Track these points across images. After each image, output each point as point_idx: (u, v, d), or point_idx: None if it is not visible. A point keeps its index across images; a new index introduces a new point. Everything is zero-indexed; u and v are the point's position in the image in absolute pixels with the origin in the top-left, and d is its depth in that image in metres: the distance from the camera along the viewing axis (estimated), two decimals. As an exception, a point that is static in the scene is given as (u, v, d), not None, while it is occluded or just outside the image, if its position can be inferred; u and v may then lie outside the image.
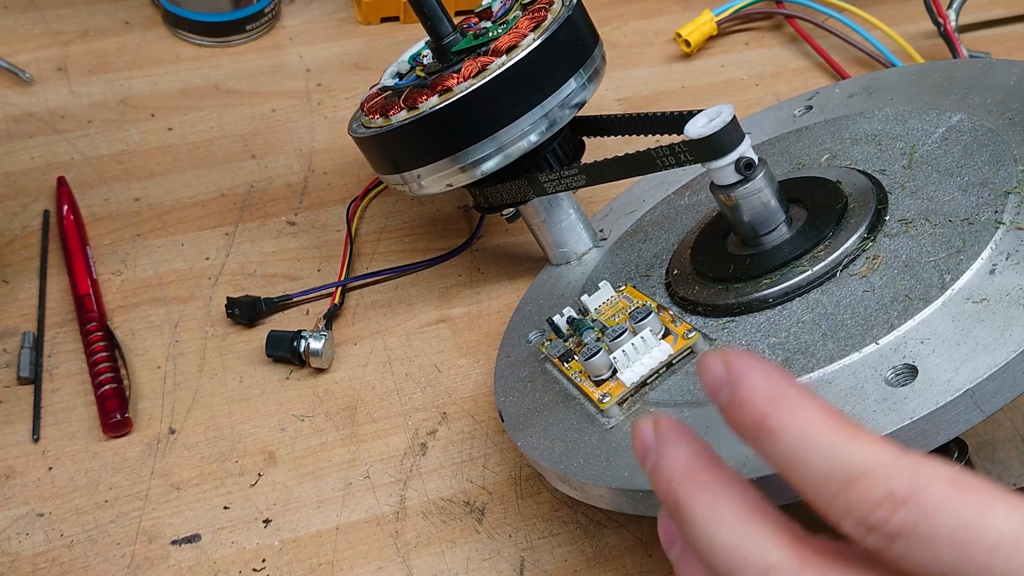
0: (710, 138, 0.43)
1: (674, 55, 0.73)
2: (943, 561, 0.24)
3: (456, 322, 0.56)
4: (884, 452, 0.25)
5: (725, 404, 0.27)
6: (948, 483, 0.25)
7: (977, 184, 0.42)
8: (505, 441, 0.50)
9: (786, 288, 0.43)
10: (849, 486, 0.25)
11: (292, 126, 0.66)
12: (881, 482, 0.25)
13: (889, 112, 0.50)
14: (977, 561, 0.24)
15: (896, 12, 0.75)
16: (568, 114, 0.50)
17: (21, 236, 0.58)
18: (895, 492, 0.25)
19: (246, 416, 0.51)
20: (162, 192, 0.61)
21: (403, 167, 0.51)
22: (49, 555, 0.45)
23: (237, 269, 0.57)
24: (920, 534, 0.24)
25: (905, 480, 0.25)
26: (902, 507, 0.25)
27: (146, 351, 0.53)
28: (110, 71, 0.68)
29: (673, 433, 0.29)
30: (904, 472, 0.25)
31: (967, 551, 0.24)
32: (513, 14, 0.52)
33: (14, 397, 0.51)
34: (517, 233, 0.60)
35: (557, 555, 0.46)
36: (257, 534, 0.46)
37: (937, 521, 0.24)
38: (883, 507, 0.25)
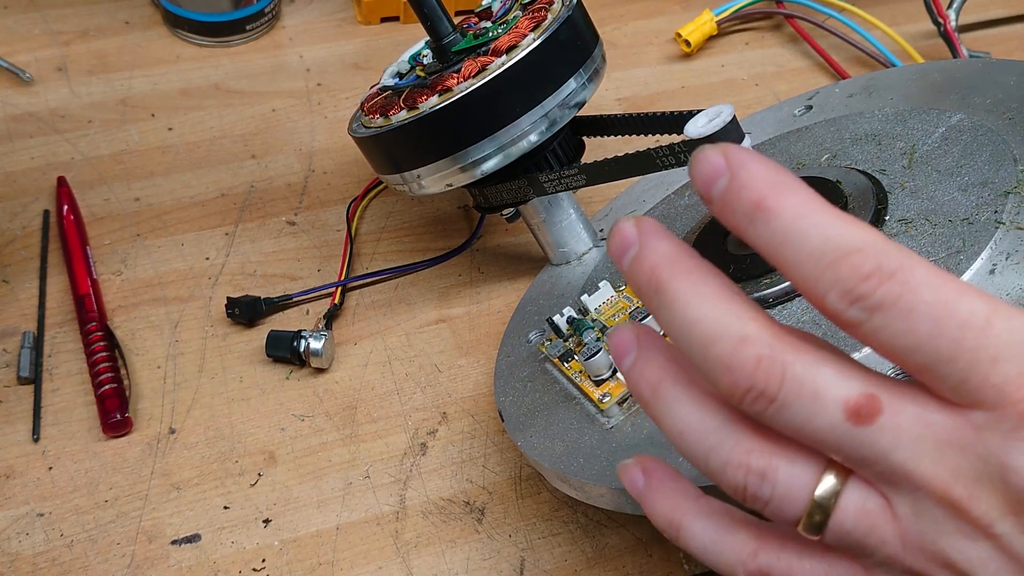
0: (710, 138, 0.43)
1: (674, 55, 0.73)
2: (918, 333, 0.26)
3: (456, 322, 0.56)
4: (877, 235, 0.27)
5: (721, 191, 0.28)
6: (931, 268, 0.26)
7: (977, 184, 0.42)
8: (505, 441, 0.50)
9: (786, 288, 0.43)
10: (841, 259, 0.26)
11: (292, 126, 0.66)
12: (872, 257, 0.26)
13: (889, 112, 0.50)
14: (949, 335, 0.26)
15: (896, 12, 0.75)
16: (568, 114, 0.50)
17: (21, 236, 0.58)
18: (883, 266, 0.26)
19: (246, 416, 0.51)
20: (162, 192, 0.61)
21: (403, 167, 0.51)
22: (49, 555, 0.45)
23: (237, 269, 0.57)
24: (901, 306, 0.26)
25: (894, 258, 0.26)
26: (888, 280, 0.26)
27: (146, 351, 0.53)
28: (110, 71, 0.68)
29: (658, 229, 0.30)
30: (893, 252, 0.26)
31: (941, 325, 0.26)
32: (513, 14, 0.52)
33: (14, 397, 0.51)
34: (517, 233, 0.60)
35: (557, 555, 0.46)
36: (257, 534, 0.46)
37: (918, 296, 0.26)
38: (871, 279, 0.26)
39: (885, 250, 0.26)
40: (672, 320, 0.29)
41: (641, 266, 0.29)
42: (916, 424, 0.27)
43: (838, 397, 0.27)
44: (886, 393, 0.27)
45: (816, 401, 0.27)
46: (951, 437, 0.27)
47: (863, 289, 0.26)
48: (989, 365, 0.26)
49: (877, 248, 0.26)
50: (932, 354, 0.26)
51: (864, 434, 0.27)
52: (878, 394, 0.27)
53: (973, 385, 0.26)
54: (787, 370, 0.27)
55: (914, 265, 0.26)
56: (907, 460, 0.27)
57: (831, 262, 0.26)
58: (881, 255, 0.26)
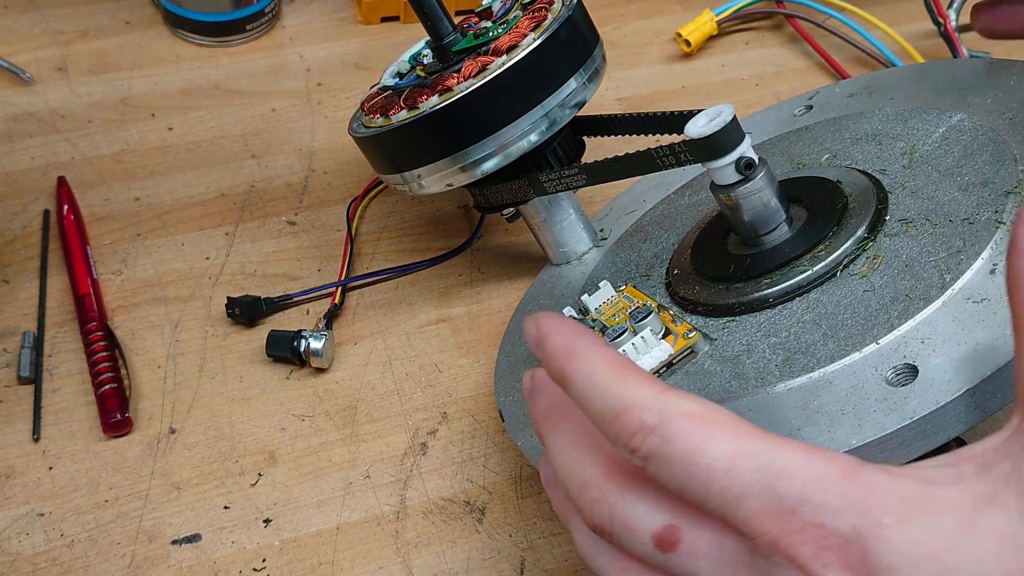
0: (710, 138, 0.43)
1: (674, 55, 0.73)
2: (678, 479, 0.30)
3: (456, 322, 0.56)
4: (645, 390, 0.31)
5: (540, 359, 0.33)
6: (687, 416, 0.30)
7: (977, 184, 0.42)
8: (505, 441, 0.50)
9: (786, 288, 0.43)
10: (616, 419, 0.31)
11: (292, 126, 0.66)
12: (636, 415, 0.30)
13: (889, 112, 0.50)
14: (699, 479, 0.29)
15: (896, 12, 0.75)
16: (568, 114, 0.50)
17: (21, 236, 0.58)
18: (645, 423, 0.30)
19: (246, 416, 0.51)
20: (162, 192, 0.61)
21: (403, 167, 0.51)
22: (49, 555, 0.45)
23: (237, 269, 0.57)
24: (661, 457, 0.30)
25: (655, 413, 0.30)
26: (649, 435, 0.30)
27: (146, 351, 0.53)
28: (110, 71, 0.68)
29: (541, 381, 0.36)
30: (655, 407, 0.30)
31: (692, 472, 0.29)
32: (513, 14, 0.52)
33: (14, 397, 0.51)
34: (517, 233, 0.60)
35: (557, 555, 0.46)
36: (257, 534, 0.46)
37: (672, 446, 0.30)
38: (637, 435, 0.30)
39: (649, 406, 0.30)
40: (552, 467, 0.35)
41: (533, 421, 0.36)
42: (711, 548, 0.31)
43: (647, 529, 0.31)
44: (687, 522, 0.31)
45: (633, 533, 0.32)
46: (738, 558, 0.30)
47: (633, 444, 0.30)
48: (736, 504, 0.29)
49: (641, 405, 0.30)
50: (693, 495, 0.30)
51: (672, 558, 0.31)
52: (679, 524, 0.31)
53: (730, 520, 0.29)
54: (612, 510, 0.32)
55: (671, 416, 0.30)
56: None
57: (610, 422, 0.31)
58: (644, 412, 0.30)
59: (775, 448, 0.29)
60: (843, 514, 0.28)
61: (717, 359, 0.42)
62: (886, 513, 0.28)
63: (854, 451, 0.35)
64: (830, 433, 0.36)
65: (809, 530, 0.29)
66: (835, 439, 0.35)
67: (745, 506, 0.29)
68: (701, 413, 0.30)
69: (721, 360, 0.42)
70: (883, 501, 0.29)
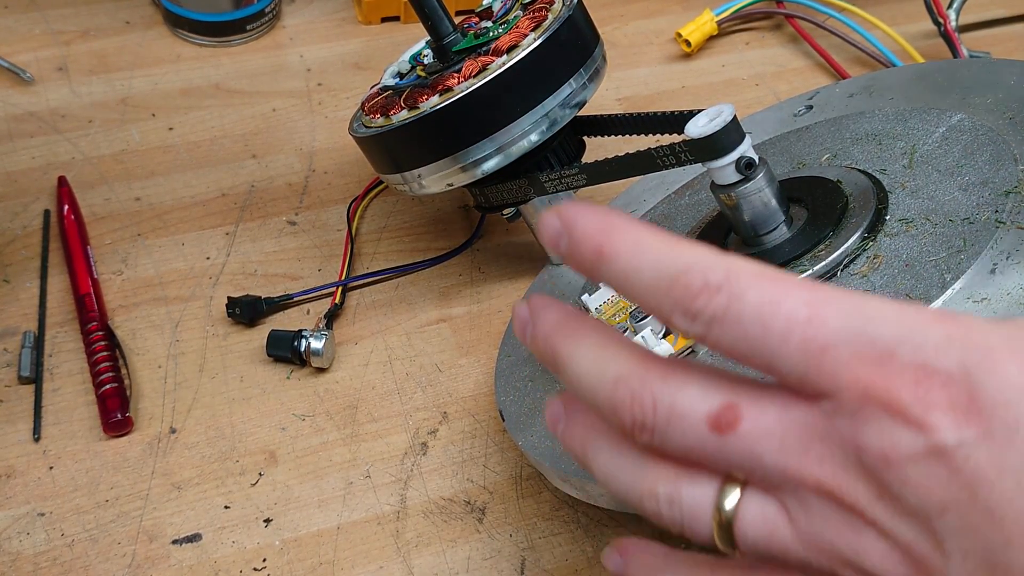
0: (710, 138, 0.43)
1: (674, 55, 0.73)
2: (750, 338, 0.27)
3: (457, 322, 0.56)
4: (703, 251, 0.28)
5: (567, 249, 0.30)
6: (755, 273, 0.28)
7: (977, 184, 0.42)
8: (506, 440, 0.50)
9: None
10: (674, 283, 0.28)
11: (293, 126, 0.66)
12: (699, 275, 0.28)
13: (889, 112, 0.50)
14: (777, 334, 0.27)
15: (896, 12, 0.75)
16: (569, 114, 0.50)
17: (22, 236, 0.58)
18: (710, 282, 0.27)
19: (247, 415, 0.51)
20: (163, 192, 0.61)
21: (404, 167, 0.51)
22: (50, 555, 0.45)
23: (238, 269, 0.57)
24: (731, 315, 0.27)
25: (719, 272, 0.28)
26: (716, 294, 0.27)
27: (147, 351, 0.53)
28: (111, 71, 0.68)
29: (544, 302, 0.32)
30: (718, 265, 0.28)
31: (768, 326, 0.27)
32: (514, 14, 0.52)
33: (15, 397, 0.51)
34: (518, 233, 0.60)
35: (558, 554, 0.46)
36: (258, 533, 0.46)
37: (744, 302, 0.27)
38: (701, 296, 0.27)
39: (711, 265, 0.28)
40: (568, 379, 0.31)
41: (537, 340, 0.32)
42: (778, 424, 0.28)
43: (700, 411, 0.28)
44: (746, 399, 0.28)
45: (683, 420, 0.28)
46: (811, 430, 0.27)
47: (696, 306, 0.28)
48: (820, 355, 0.26)
49: (703, 265, 0.28)
50: (768, 355, 0.27)
51: (731, 442, 0.28)
52: (738, 402, 0.28)
53: (812, 377, 0.27)
54: (656, 398, 0.29)
55: (739, 273, 0.27)
56: (777, 459, 0.28)
57: (666, 288, 0.28)
58: (707, 271, 0.28)
59: (861, 297, 0.27)
60: (948, 350, 0.26)
61: (717, 358, 0.42)
62: (996, 348, 0.26)
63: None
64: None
65: (908, 372, 0.26)
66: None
67: (832, 356, 0.26)
68: (771, 273, 0.28)
69: (721, 359, 0.42)
70: (991, 337, 0.26)
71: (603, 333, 0.31)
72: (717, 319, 0.27)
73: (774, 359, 0.27)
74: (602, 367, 0.30)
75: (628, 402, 0.29)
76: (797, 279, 0.28)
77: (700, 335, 0.28)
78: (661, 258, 0.28)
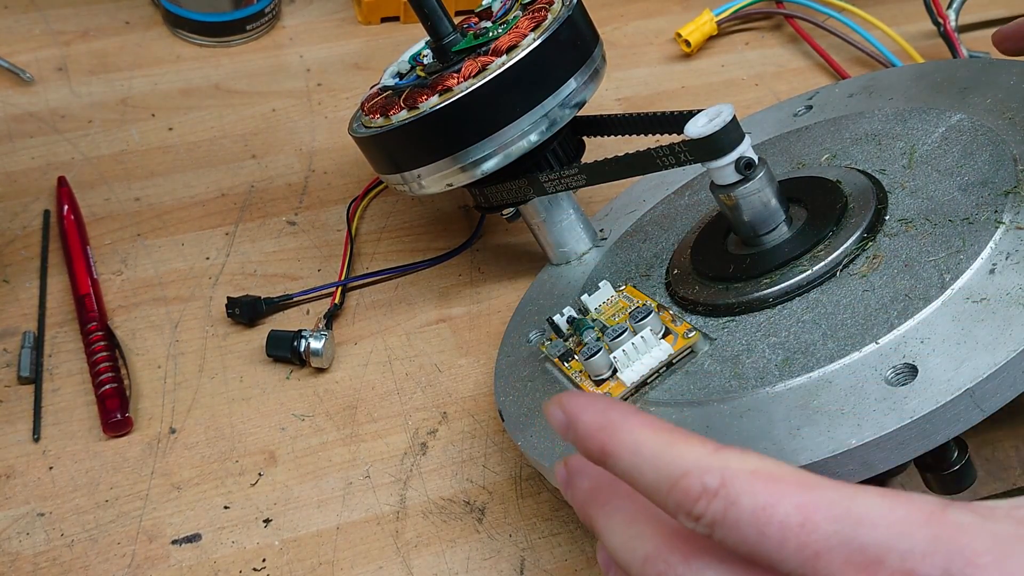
0: (710, 138, 0.43)
1: (674, 55, 0.73)
2: (750, 542, 0.28)
3: (456, 322, 0.56)
4: (699, 451, 0.29)
5: (573, 442, 0.32)
6: (751, 474, 0.28)
7: (977, 184, 0.42)
8: (505, 441, 0.50)
9: (786, 288, 0.43)
10: (674, 487, 0.29)
11: (292, 126, 0.66)
12: (696, 479, 0.29)
13: (889, 112, 0.50)
14: (772, 539, 0.28)
15: (896, 12, 0.75)
16: (568, 114, 0.50)
17: (22, 236, 0.58)
18: (707, 486, 0.28)
19: (246, 416, 0.51)
20: (162, 192, 0.61)
21: (403, 167, 0.51)
22: (50, 555, 0.45)
23: (237, 269, 0.57)
24: (729, 520, 0.28)
25: (715, 475, 0.29)
26: (713, 499, 0.28)
27: (146, 351, 0.53)
28: (110, 71, 0.68)
29: (578, 464, 0.34)
30: (715, 467, 0.29)
31: (764, 532, 0.28)
32: (513, 14, 0.52)
33: (15, 397, 0.51)
34: (517, 233, 0.60)
35: (557, 555, 0.46)
36: (257, 534, 0.46)
37: (740, 507, 0.28)
38: (701, 500, 0.28)
39: (707, 467, 0.29)
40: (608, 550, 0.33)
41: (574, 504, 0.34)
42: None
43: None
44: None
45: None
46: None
47: (697, 511, 0.29)
48: (815, 560, 0.27)
49: (700, 468, 0.29)
50: (768, 557, 0.28)
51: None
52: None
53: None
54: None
55: (734, 477, 0.28)
56: None
57: (667, 491, 0.29)
58: (704, 475, 0.29)
59: (850, 496, 0.28)
60: (933, 558, 0.27)
61: (717, 359, 0.42)
62: (980, 553, 0.27)
63: (854, 451, 0.35)
64: (829, 433, 0.36)
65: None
66: (834, 439, 0.36)
67: (825, 562, 0.27)
68: (765, 469, 0.29)
69: (721, 360, 0.42)
70: (976, 541, 0.27)
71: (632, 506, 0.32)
72: (717, 523, 0.28)
73: (773, 561, 0.28)
74: (632, 545, 0.32)
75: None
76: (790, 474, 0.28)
77: (706, 535, 0.29)
78: (660, 460, 0.30)
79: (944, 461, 0.40)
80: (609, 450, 0.31)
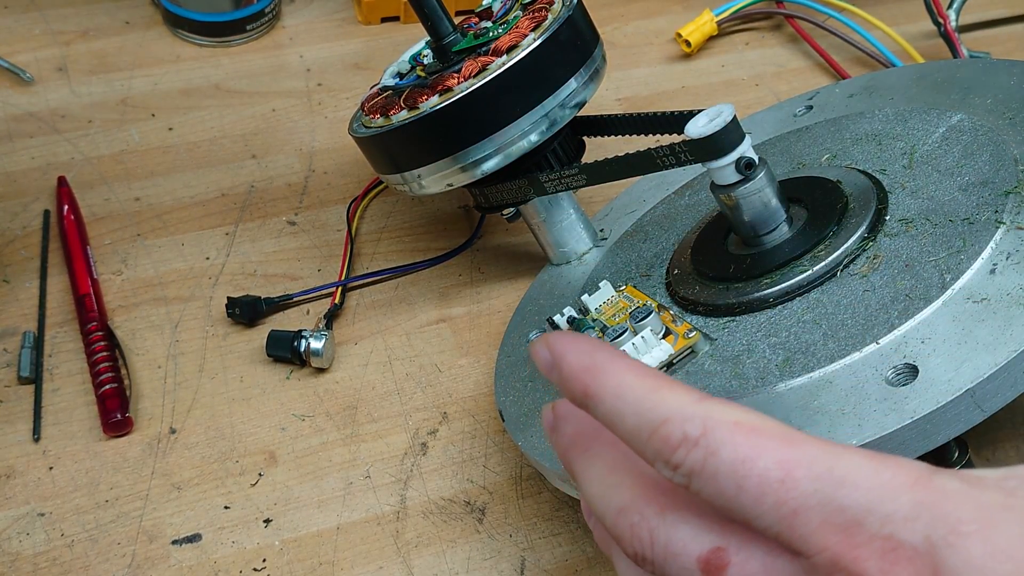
0: (710, 138, 0.43)
1: (674, 55, 0.73)
2: (726, 495, 0.27)
3: (457, 322, 0.56)
4: (682, 399, 0.28)
5: (557, 382, 0.31)
6: (732, 425, 0.28)
7: (977, 184, 0.42)
8: (506, 441, 0.50)
9: (787, 288, 0.43)
10: (654, 433, 0.28)
11: (292, 126, 0.66)
12: (676, 426, 0.28)
13: (889, 112, 0.50)
14: (750, 493, 0.27)
15: (896, 12, 0.75)
16: (568, 114, 0.50)
17: (21, 236, 0.58)
18: (688, 435, 0.28)
19: (247, 416, 0.51)
20: (162, 192, 0.61)
21: (403, 167, 0.51)
22: (50, 555, 0.45)
23: (237, 269, 0.57)
24: (707, 471, 0.27)
25: (697, 423, 0.28)
26: (693, 448, 0.28)
27: (146, 351, 0.53)
28: (110, 71, 0.68)
29: (564, 410, 0.33)
30: (697, 416, 0.28)
31: (742, 484, 0.27)
32: (513, 14, 0.52)
33: (15, 397, 0.51)
34: (517, 233, 0.60)
35: (558, 555, 0.46)
36: (258, 534, 0.46)
37: (719, 458, 0.27)
38: (680, 448, 0.28)
39: (689, 416, 0.28)
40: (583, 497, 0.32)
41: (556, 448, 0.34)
42: (762, 571, 0.28)
43: (692, 552, 0.29)
44: (735, 543, 0.29)
45: (677, 558, 0.29)
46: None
47: (675, 459, 0.28)
48: (792, 518, 0.27)
49: (683, 415, 0.28)
50: (744, 512, 0.27)
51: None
52: (727, 545, 0.29)
53: (785, 537, 0.27)
54: (653, 534, 0.30)
55: (715, 426, 0.28)
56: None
57: (647, 437, 0.29)
58: (686, 422, 0.28)
59: (835, 455, 0.27)
60: (915, 523, 0.26)
61: (717, 359, 0.42)
62: (964, 521, 0.26)
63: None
64: (830, 433, 0.36)
65: (875, 543, 0.26)
66: (835, 439, 0.35)
67: (802, 520, 0.27)
68: (748, 421, 0.28)
69: (721, 360, 0.42)
70: (961, 508, 0.26)
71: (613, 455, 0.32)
72: (695, 473, 0.28)
73: (750, 516, 0.27)
74: (608, 494, 0.31)
75: (628, 534, 0.30)
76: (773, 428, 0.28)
77: (683, 485, 0.28)
78: (642, 405, 0.29)
79: (944, 461, 0.40)
80: (592, 392, 0.30)
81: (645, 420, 0.29)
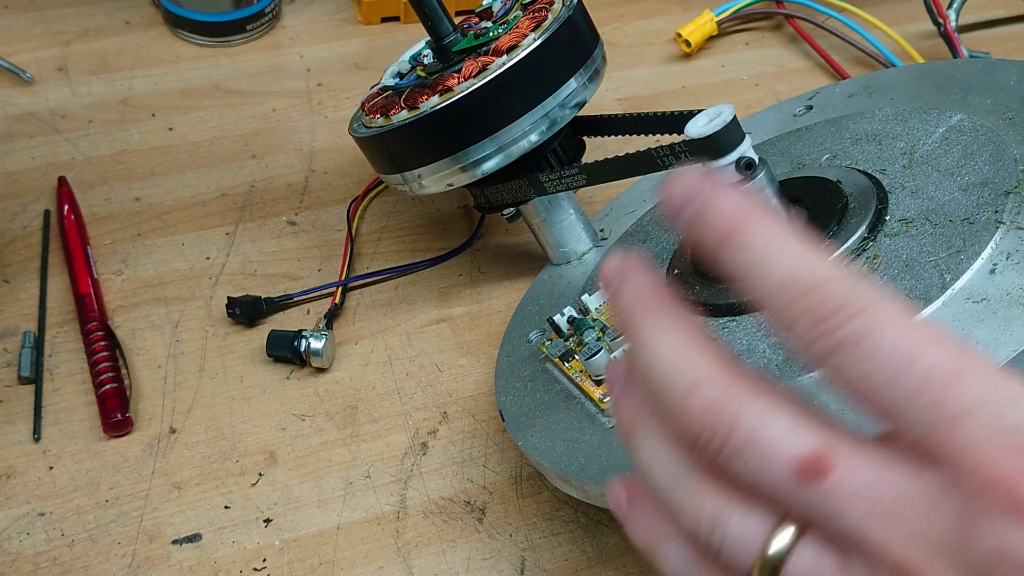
0: (711, 138, 0.43)
1: (674, 55, 0.73)
2: (879, 378, 0.24)
3: (457, 322, 0.56)
4: (846, 272, 0.25)
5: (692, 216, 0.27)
6: (902, 311, 0.25)
7: (977, 184, 0.42)
8: (506, 441, 0.50)
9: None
10: (808, 292, 0.25)
11: (293, 126, 0.66)
12: (840, 293, 0.25)
13: (889, 112, 0.50)
14: (908, 384, 0.24)
15: (896, 12, 0.75)
16: (568, 114, 0.50)
17: (22, 236, 0.58)
18: (852, 303, 0.25)
19: (247, 416, 0.51)
20: (163, 192, 0.61)
21: (404, 167, 0.51)
22: (50, 555, 0.45)
23: (238, 269, 0.57)
24: (865, 347, 0.24)
25: (863, 296, 0.25)
26: (854, 319, 0.24)
27: (147, 351, 0.53)
28: (111, 71, 0.68)
29: (637, 267, 0.30)
30: (863, 290, 0.25)
31: (902, 372, 0.24)
32: (513, 14, 0.52)
33: (15, 397, 0.51)
34: (518, 233, 0.60)
35: (558, 554, 0.46)
36: (258, 533, 0.46)
37: (884, 338, 0.24)
38: (837, 315, 0.25)
39: (856, 287, 0.25)
40: (640, 362, 0.28)
41: (618, 301, 0.29)
42: (871, 485, 0.25)
43: (788, 451, 0.25)
44: (842, 449, 0.25)
45: (765, 453, 0.26)
46: (909, 501, 0.24)
47: (829, 324, 0.25)
48: (952, 422, 0.23)
49: (848, 284, 0.25)
50: (893, 401, 0.24)
51: (813, 493, 0.25)
52: (833, 450, 0.25)
53: (933, 443, 0.24)
54: (737, 419, 0.26)
55: (885, 305, 0.25)
56: (859, 524, 0.25)
57: (799, 294, 0.25)
58: (851, 292, 0.25)
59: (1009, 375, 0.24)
60: None
61: None
62: None
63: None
64: (830, 433, 0.36)
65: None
66: (835, 439, 0.35)
67: (965, 430, 0.23)
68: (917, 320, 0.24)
69: None
70: None
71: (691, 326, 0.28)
72: (848, 345, 0.24)
73: (898, 408, 0.24)
74: (681, 365, 0.27)
75: (699, 412, 0.26)
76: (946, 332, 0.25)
77: (821, 355, 0.25)
78: (800, 262, 0.26)
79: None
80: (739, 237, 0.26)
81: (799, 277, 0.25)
